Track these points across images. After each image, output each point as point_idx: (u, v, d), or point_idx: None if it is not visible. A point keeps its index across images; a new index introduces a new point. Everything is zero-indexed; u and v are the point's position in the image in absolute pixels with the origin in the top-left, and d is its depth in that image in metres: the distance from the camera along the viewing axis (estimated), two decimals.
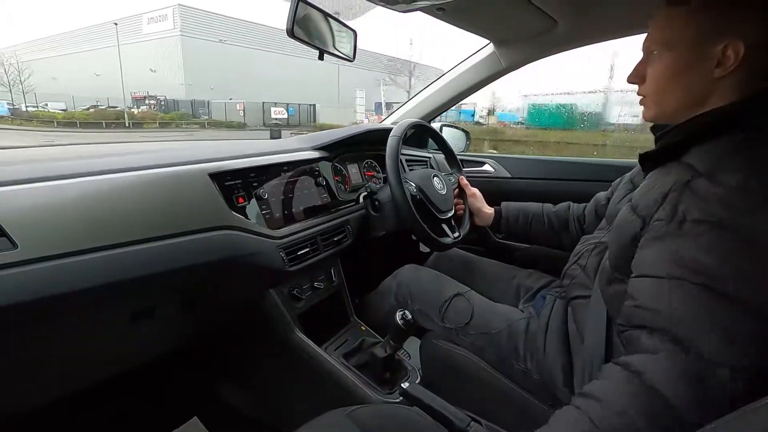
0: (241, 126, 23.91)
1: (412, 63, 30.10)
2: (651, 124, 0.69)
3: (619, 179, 0.92)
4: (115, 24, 27.45)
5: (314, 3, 0.92)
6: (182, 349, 1.00)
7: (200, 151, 0.86)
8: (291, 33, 0.89)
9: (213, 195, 0.78)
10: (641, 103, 0.67)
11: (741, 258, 0.47)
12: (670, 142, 0.60)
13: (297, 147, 1.11)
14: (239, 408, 1.13)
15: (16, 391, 0.69)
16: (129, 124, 22.49)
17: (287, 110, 25.86)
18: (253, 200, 0.88)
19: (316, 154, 1.12)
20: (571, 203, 1.09)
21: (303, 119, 26.37)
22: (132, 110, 25.71)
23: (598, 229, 0.88)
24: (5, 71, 28.12)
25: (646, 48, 0.64)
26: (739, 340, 0.45)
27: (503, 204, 1.15)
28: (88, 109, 25.35)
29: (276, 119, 24.81)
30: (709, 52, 0.56)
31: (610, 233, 0.69)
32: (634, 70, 0.66)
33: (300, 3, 0.88)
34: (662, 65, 0.61)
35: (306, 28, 0.94)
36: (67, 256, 0.57)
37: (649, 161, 0.64)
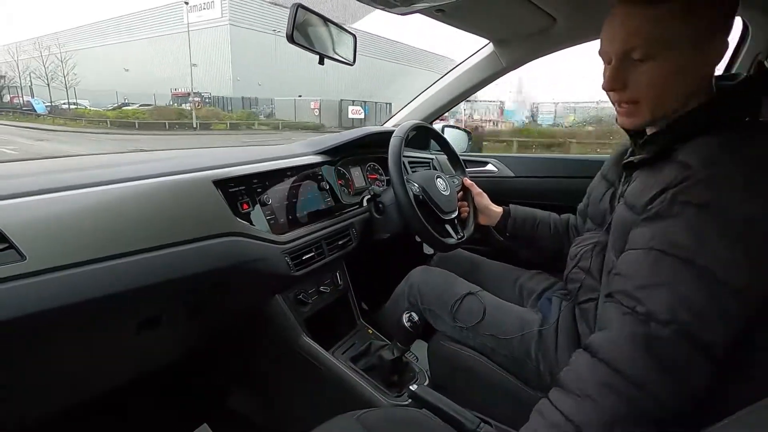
0: (318, 127, 20.34)
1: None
2: None
3: (590, 184, 0.91)
4: (185, 5, 23.72)
5: (313, 8, 0.92)
6: (190, 357, 1.00)
7: (204, 159, 0.86)
8: (291, 38, 0.90)
9: (217, 202, 0.79)
10: (626, 111, 0.63)
11: (720, 238, 0.48)
12: (662, 146, 0.60)
13: (300, 152, 1.12)
14: (248, 414, 1.13)
15: (26, 402, 0.70)
16: (196, 125, 19.55)
17: (363, 109, 23.01)
18: (258, 206, 0.88)
19: (319, 159, 1.12)
20: (571, 216, 1.08)
21: (379, 118, 22.98)
22: (182, 107, 22.55)
23: (587, 230, 0.87)
24: (43, 62, 24.48)
25: (623, 51, 0.59)
26: (696, 307, 0.47)
27: (512, 205, 1.14)
28: (120, 106, 22.32)
29: (353, 119, 21.86)
30: (705, 48, 0.55)
31: (612, 234, 0.68)
32: (611, 77, 0.61)
33: (299, 8, 0.88)
34: (660, 67, 0.57)
35: (306, 33, 0.95)
36: (75, 266, 0.57)
37: (636, 167, 0.65)
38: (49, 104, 23.16)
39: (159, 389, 1.12)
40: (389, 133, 1.06)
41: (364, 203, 1.17)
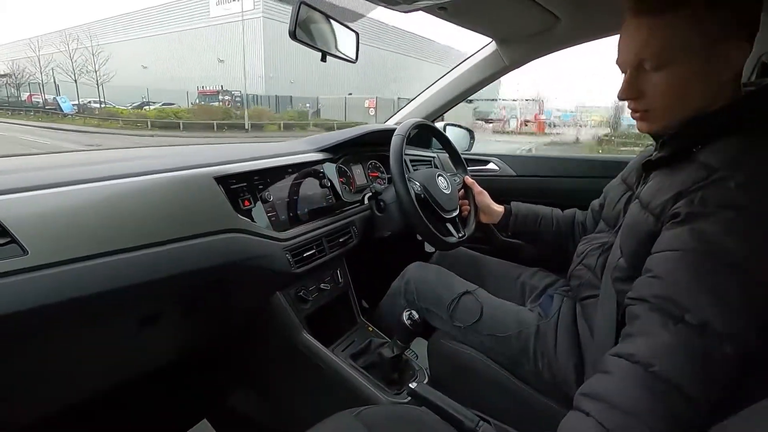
0: None
1: None
2: None
3: (609, 184, 0.91)
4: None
5: (316, 5, 0.92)
6: (191, 353, 1.00)
7: (205, 155, 0.86)
8: (293, 35, 0.89)
9: (219, 198, 0.79)
10: (641, 118, 0.64)
11: (765, 241, 0.47)
12: (681, 146, 0.60)
13: (301, 149, 1.12)
14: (248, 410, 1.13)
15: (25, 399, 0.70)
16: (248, 126, 17.39)
17: None
18: (259, 203, 0.88)
19: (320, 156, 1.12)
20: (577, 210, 1.08)
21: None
22: (211, 105, 20.24)
23: (598, 231, 0.87)
24: (70, 55, 21.95)
25: (636, 62, 0.60)
26: (740, 311, 0.46)
27: (513, 203, 1.14)
28: (140, 105, 20.30)
29: None
30: (719, 54, 0.54)
31: (622, 233, 0.68)
32: (626, 85, 0.61)
33: (302, 5, 0.88)
34: (671, 77, 0.57)
35: (308, 30, 0.95)
36: (76, 261, 0.57)
37: (654, 167, 0.64)
38: (77, 102, 20.79)
39: (159, 386, 1.12)
40: (391, 131, 1.06)
41: (365, 201, 1.17)
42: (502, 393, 0.84)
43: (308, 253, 0.95)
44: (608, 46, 0.66)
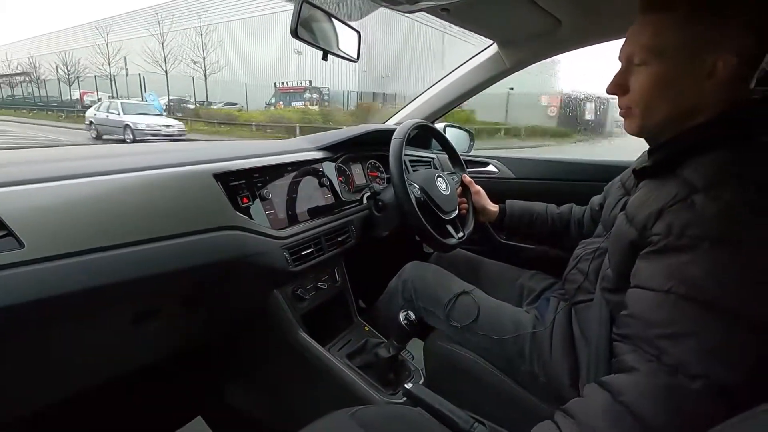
0: (567, 133, 13.45)
1: None
2: None
3: (610, 183, 0.91)
4: None
5: (318, 4, 0.92)
6: (186, 349, 1.00)
7: (204, 152, 0.86)
8: (295, 33, 0.89)
9: (217, 195, 0.79)
10: (624, 115, 0.65)
11: (741, 274, 0.46)
12: (666, 157, 0.60)
13: (301, 147, 1.12)
14: (243, 408, 1.13)
15: (21, 392, 0.70)
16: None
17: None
18: (257, 200, 0.88)
19: (319, 155, 1.12)
20: (574, 205, 1.08)
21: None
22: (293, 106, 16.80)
23: (595, 235, 0.87)
24: (160, 39, 17.08)
25: (627, 56, 0.61)
26: (724, 354, 0.45)
27: (508, 202, 1.15)
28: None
29: (588, 120, 13.41)
30: (702, 63, 0.55)
31: (610, 243, 0.68)
32: (614, 80, 0.63)
33: (304, 4, 0.88)
34: (651, 74, 0.58)
35: (310, 28, 0.95)
36: (73, 255, 0.57)
37: (643, 175, 0.64)
38: (167, 101, 15.84)
39: (154, 382, 1.12)
40: (390, 132, 1.06)
41: (364, 201, 1.17)
42: (497, 395, 0.84)
43: (306, 252, 0.95)
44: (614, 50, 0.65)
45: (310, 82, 18.21)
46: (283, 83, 19.15)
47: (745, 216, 0.48)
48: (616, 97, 0.65)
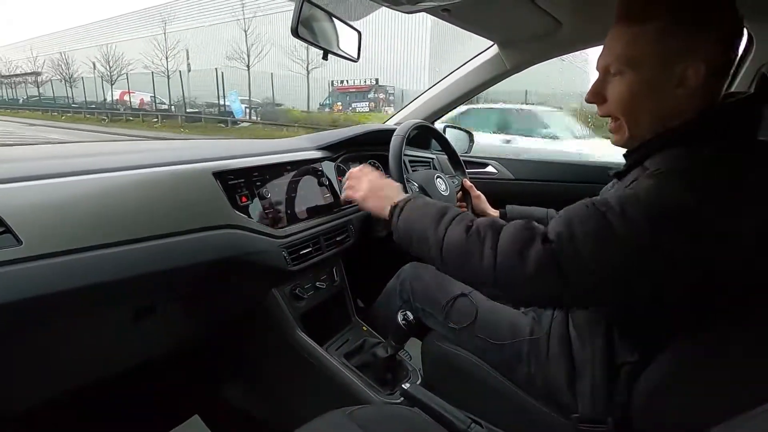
0: None
1: None
2: None
3: (604, 188, 0.92)
4: None
5: (319, 3, 0.92)
6: (184, 348, 1.00)
7: (204, 150, 0.86)
8: (295, 32, 0.89)
9: (216, 194, 0.79)
10: (613, 130, 0.67)
11: (659, 222, 0.51)
12: (637, 158, 0.64)
13: (300, 146, 1.11)
14: (240, 407, 1.13)
15: (20, 388, 0.70)
16: None
17: None
18: (256, 199, 0.88)
19: (319, 154, 1.12)
20: None
21: None
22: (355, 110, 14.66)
23: None
24: (244, 26, 13.72)
25: (604, 66, 0.64)
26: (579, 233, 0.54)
27: (508, 207, 1.14)
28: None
29: None
30: (672, 72, 0.57)
31: None
32: (591, 89, 0.66)
33: (305, 3, 0.88)
34: (627, 84, 0.61)
35: (311, 27, 0.94)
36: (71, 253, 0.57)
37: (620, 176, 0.69)
38: (248, 103, 13.11)
39: (151, 381, 1.12)
40: (390, 131, 1.06)
41: None
42: (494, 396, 0.84)
43: (305, 251, 0.95)
44: None
45: (377, 80, 15.39)
46: (342, 82, 16.09)
47: (674, 179, 0.53)
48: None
